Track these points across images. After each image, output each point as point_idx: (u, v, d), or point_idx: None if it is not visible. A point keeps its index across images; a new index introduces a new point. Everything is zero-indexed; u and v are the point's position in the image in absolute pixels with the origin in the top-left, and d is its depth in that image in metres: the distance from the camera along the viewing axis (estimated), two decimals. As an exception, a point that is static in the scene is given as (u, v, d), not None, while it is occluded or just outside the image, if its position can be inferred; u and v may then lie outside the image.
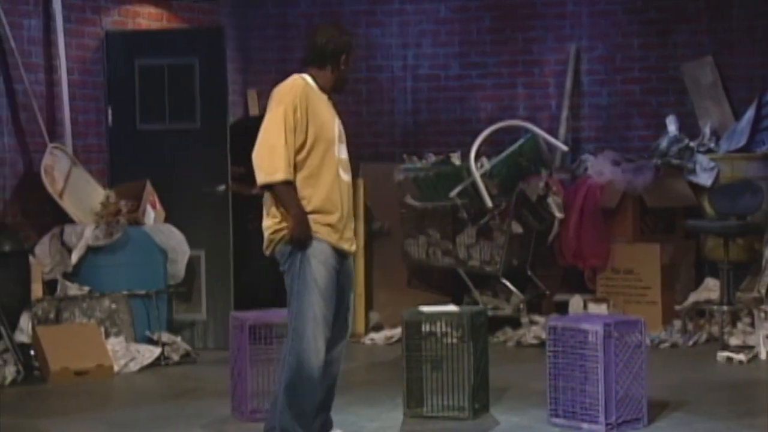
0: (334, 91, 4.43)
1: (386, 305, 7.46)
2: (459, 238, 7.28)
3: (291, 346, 4.23)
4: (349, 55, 4.39)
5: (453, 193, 7.10)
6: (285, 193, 4.21)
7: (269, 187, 4.22)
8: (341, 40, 4.37)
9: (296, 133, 4.22)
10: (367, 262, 7.47)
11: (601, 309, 7.00)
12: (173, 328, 6.91)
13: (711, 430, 4.74)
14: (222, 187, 6.91)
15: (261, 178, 4.21)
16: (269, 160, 4.19)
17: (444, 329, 5.10)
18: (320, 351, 4.21)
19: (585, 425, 4.73)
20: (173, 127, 7.10)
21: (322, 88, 4.37)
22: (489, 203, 6.96)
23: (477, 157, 7.04)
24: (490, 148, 7.38)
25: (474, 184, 7.02)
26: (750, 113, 7.38)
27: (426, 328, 5.11)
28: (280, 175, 4.18)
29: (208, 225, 6.98)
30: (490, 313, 7.00)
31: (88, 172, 6.93)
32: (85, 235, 6.54)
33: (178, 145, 7.05)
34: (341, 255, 4.34)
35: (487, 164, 7.13)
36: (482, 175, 7.01)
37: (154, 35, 7.39)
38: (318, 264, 4.23)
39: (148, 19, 7.57)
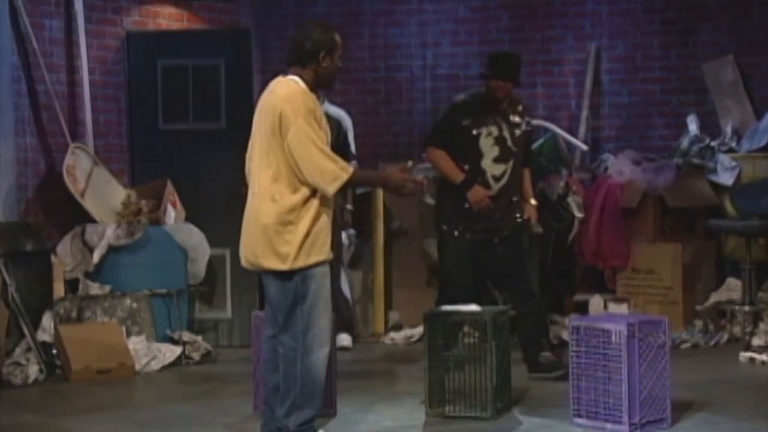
0: (319, 87, 4.42)
1: (406, 305, 7.46)
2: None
3: (301, 359, 4.30)
4: (332, 53, 4.36)
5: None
6: (359, 177, 4.43)
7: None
8: (321, 37, 4.34)
9: None
10: (386, 261, 7.47)
11: (621, 309, 6.98)
12: (194, 327, 6.93)
13: (736, 431, 4.72)
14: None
15: (334, 186, 4.26)
16: (332, 163, 4.26)
17: (466, 329, 5.10)
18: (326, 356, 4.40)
19: (608, 425, 4.71)
20: (197, 127, 7.14)
21: (311, 88, 4.35)
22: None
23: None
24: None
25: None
26: (771, 112, 7.35)
27: (448, 328, 5.10)
28: (346, 170, 4.29)
29: (233, 224, 7.02)
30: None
31: (109, 171, 6.95)
32: (106, 234, 6.56)
33: (203, 145, 7.09)
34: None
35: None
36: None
37: (176, 36, 7.42)
38: (325, 287, 4.36)
39: (169, 19, 7.59)
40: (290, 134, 4.23)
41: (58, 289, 6.43)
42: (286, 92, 4.29)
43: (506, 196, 5.84)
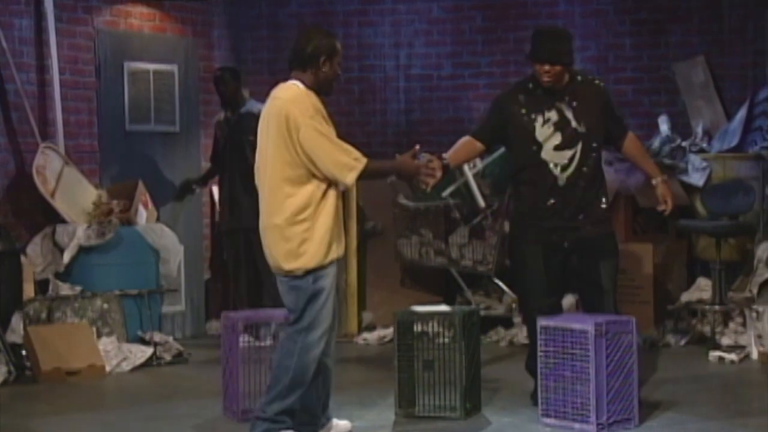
0: (319, 92, 4.48)
1: (379, 305, 7.46)
2: (451, 237, 7.27)
3: (299, 353, 4.39)
4: (332, 59, 4.46)
5: (445, 193, 7.10)
6: (374, 166, 4.41)
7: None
8: (321, 42, 4.44)
9: None
10: (360, 262, 7.47)
11: (593, 309, 7.00)
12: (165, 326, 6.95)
13: (702, 431, 4.75)
14: (198, 189, 7.39)
15: (351, 176, 4.34)
16: (346, 156, 4.34)
17: (436, 329, 5.10)
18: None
19: (576, 425, 4.73)
20: (157, 130, 7.48)
21: (312, 91, 4.45)
22: (481, 203, 6.97)
23: (469, 157, 7.01)
24: (483, 148, 7.37)
25: (466, 184, 7.03)
26: (742, 113, 7.40)
27: (418, 328, 5.11)
28: (360, 160, 4.35)
29: (188, 224, 7.49)
30: (482, 312, 7.02)
31: (80, 172, 6.92)
32: (77, 234, 6.53)
33: (160, 147, 7.41)
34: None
35: (479, 164, 7.13)
36: (474, 175, 7.01)
37: (140, 38, 7.49)
38: (334, 286, 4.44)
39: (141, 19, 7.56)
40: (301, 133, 4.33)
41: (28, 290, 6.39)
42: (289, 95, 4.40)
43: (578, 188, 5.04)
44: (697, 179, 7.30)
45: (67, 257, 6.51)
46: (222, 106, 7.05)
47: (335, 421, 4.73)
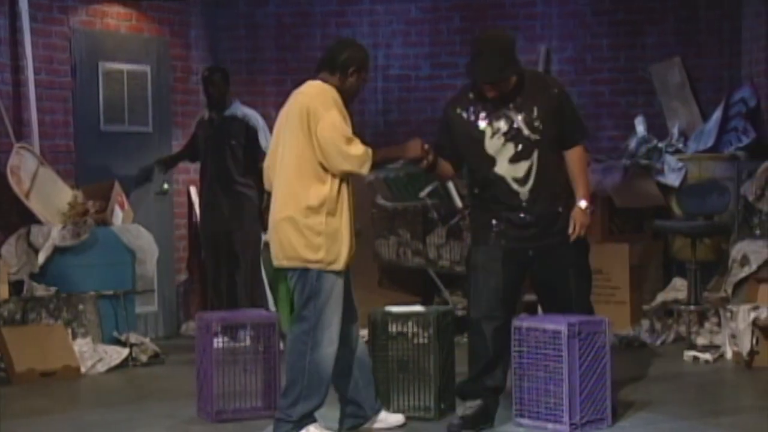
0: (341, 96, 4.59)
1: (357, 305, 7.44)
2: (429, 238, 7.28)
3: (311, 353, 4.49)
4: (360, 72, 4.61)
5: (423, 194, 7.10)
6: (381, 157, 4.56)
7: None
8: (356, 54, 4.62)
9: None
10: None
11: (570, 309, 7.01)
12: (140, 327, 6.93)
13: (674, 430, 4.77)
14: (165, 187, 7.48)
15: (366, 167, 4.46)
16: (355, 149, 4.43)
17: (412, 329, 5.10)
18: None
19: (550, 425, 4.73)
20: (131, 130, 7.49)
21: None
22: (459, 203, 6.97)
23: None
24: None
25: (444, 185, 7.04)
26: (717, 114, 7.44)
27: (393, 328, 5.11)
28: (369, 155, 4.45)
29: (160, 225, 7.54)
30: (459, 313, 7.03)
31: (55, 172, 6.88)
32: (51, 235, 6.50)
33: (135, 147, 7.40)
34: None
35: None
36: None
37: (114, 38, 7.48)
38: (339, 285, 4.57)
39: (117, 19, 7.53)
40: (320, 127, 4.41)
41: (3, 291, 6.34)
42: (313, 90, 4.52)
43: (541, 199, 4.66)
44: (673, 180, 7.34)
45: (41, 258, 6.48)
46: (207, 107, 7.04)
47: (384, 414, 4.81)
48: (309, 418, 4.55)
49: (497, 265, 4.72)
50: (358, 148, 4.46)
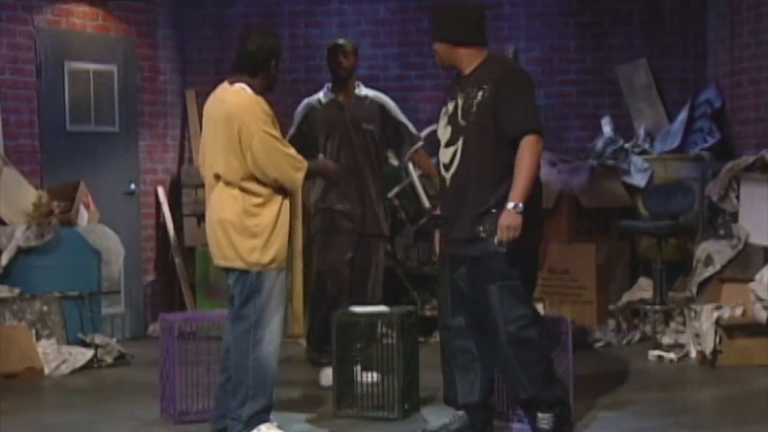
0: (267, 92, 4.56)
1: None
2: (397, 238, 7.29)
3: (253, 351, 4.47)
4: (278, 58, 4.55)
5: (391, 194, 7.11)
6: (312, 168, 4.60)
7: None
8: (269, 45, 4.51)
9: None
10: (306, 263, 7.45)
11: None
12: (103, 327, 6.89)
13: (636, 429, 4.79)
14: (133, 187, 7.46)
15: (298, 179, 4.47)
16: (289, 162, 4.44)
17: (375, 330, 5.10)
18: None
19: (516, 425, 4.75)
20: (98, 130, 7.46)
21: (259, 94, 4.51)
22: (427, 204, 6.98)
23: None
24: (429, 148, 7.39)
25: (412, 185, 7.05)
26: (683, 115, 7.49)
27: (357, 328, 5.11)
28: (301, 170, 4.48)
29: (128, 225, 7.54)
30: (428, 313, 7.04)
31: (19, 172, 6.83)
32: (15, 236, 6.45)
33: (101, 147, 7.37)
34: None
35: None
36: (420, 176, 7.03)
37: (80, 38, 7.43)
38: (279, 285, 4.53)
39: (83, 18, 7.48)
40: (254, 142, 4.38)
41: (-34, 292, 6.31)
42: (240, 102, 4.44)
43: (462, 192, 4.32)
44: (639, 180, 7.38)
45: (5, 259, 6.43)
46: None
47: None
48: (259, 418, 4.50)
49: (444, 271, 4.56)
50: (292, 163, 4.46)
